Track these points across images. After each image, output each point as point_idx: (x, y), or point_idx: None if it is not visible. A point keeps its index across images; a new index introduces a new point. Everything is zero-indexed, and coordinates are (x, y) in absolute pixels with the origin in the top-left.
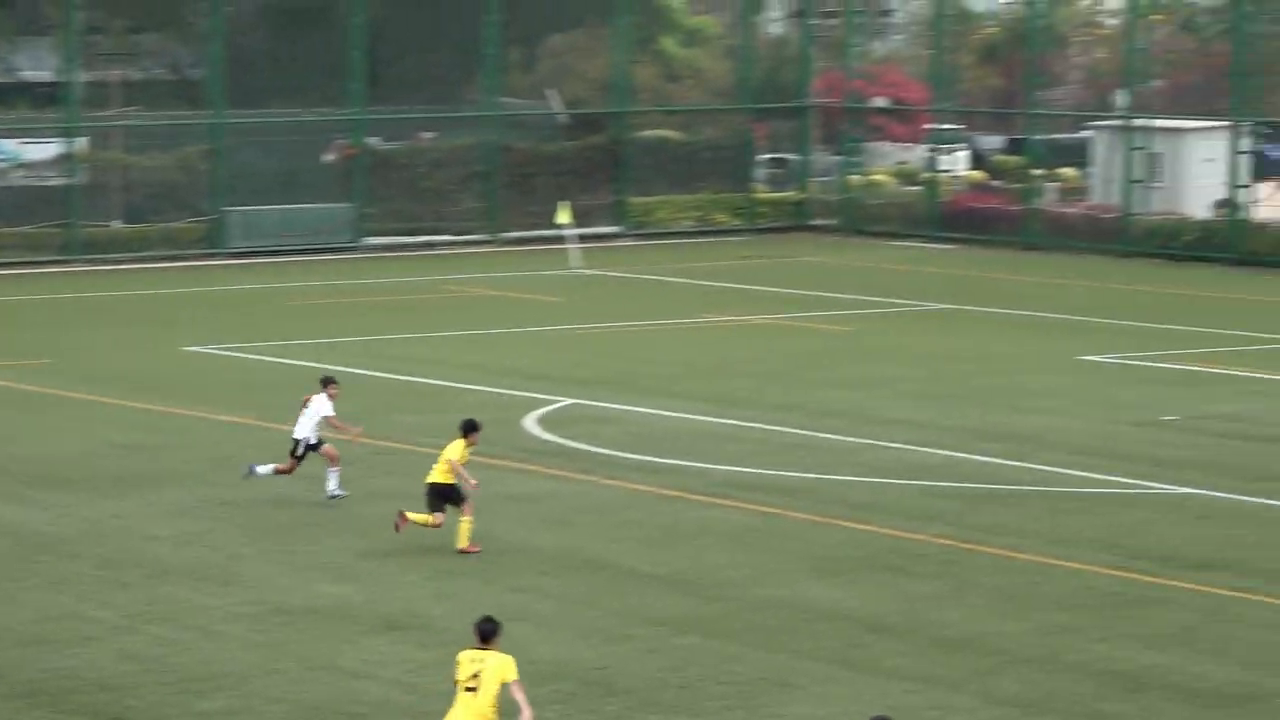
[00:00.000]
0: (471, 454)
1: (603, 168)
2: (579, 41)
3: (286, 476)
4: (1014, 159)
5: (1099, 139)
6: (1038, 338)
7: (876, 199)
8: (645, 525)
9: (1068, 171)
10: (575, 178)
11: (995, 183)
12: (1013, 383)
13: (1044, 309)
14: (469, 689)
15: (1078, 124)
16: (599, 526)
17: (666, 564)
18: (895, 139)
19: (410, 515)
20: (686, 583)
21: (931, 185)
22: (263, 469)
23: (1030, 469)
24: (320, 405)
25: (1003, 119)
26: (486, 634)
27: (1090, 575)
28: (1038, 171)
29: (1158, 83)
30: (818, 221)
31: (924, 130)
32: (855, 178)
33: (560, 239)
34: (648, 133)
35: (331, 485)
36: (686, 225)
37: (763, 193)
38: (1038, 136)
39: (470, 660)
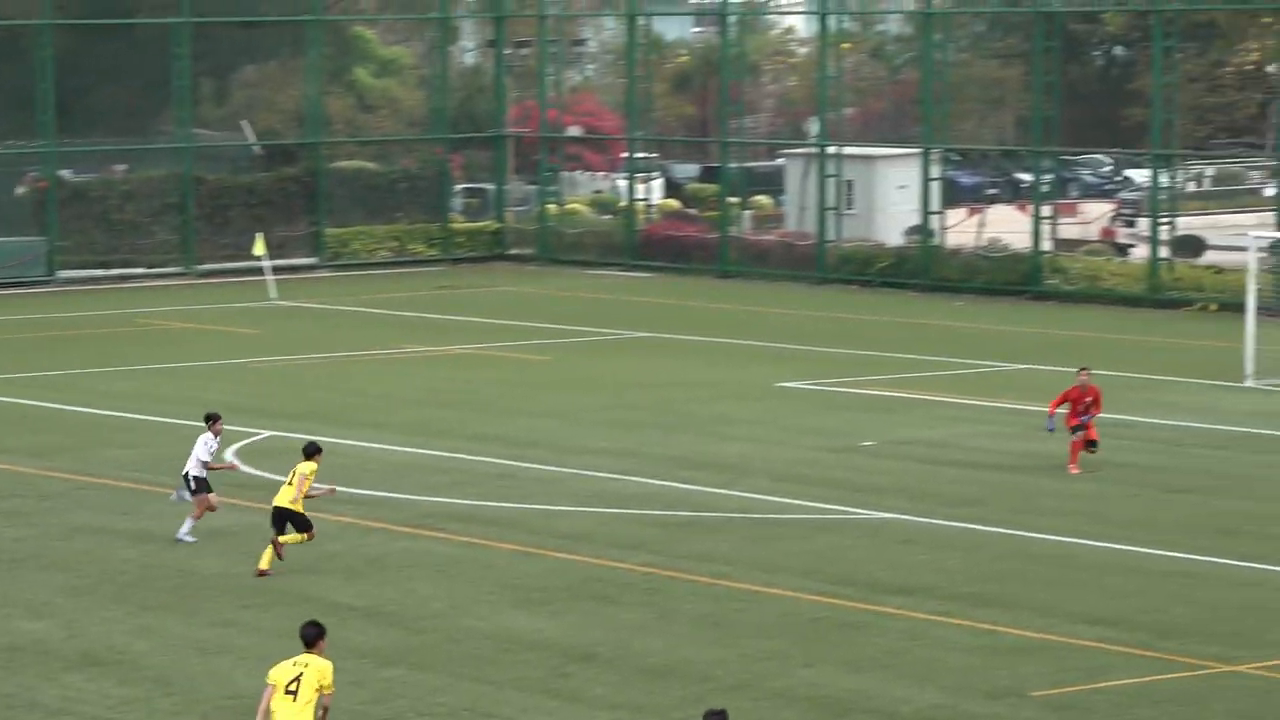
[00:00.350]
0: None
1: (298, 199)
2: (272, 73)
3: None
4: (709, 187)
5: (792, 167)
6: (736, 365)
7: (573, 228)
8: (349, 557)
9: (762, 199)
10: (271, 209)
11: (691, 211)
12: (712, 410)
13: (742, 336)
14: (288, 692)
15: (771, 152)
16: (302, 559)
17: (371, 596)
18: (591, 168)
19: (283, 539)
20: (392, 614)
21: (628, 214)
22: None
23: (732, 496)
24: (210, 442)
25: (697, 147)
26: (309, 638)
27: (794, 601)
28: (733, 199)
29: (849, 110)
30: (515, 251)
31: (619, 159)
32: (552, 207)
33: (257, 271)
34: (343, 163)
35: (184, 530)
36: (384, 256)
37: (459, 223)
38: (732, 164)
39: (293, 664)
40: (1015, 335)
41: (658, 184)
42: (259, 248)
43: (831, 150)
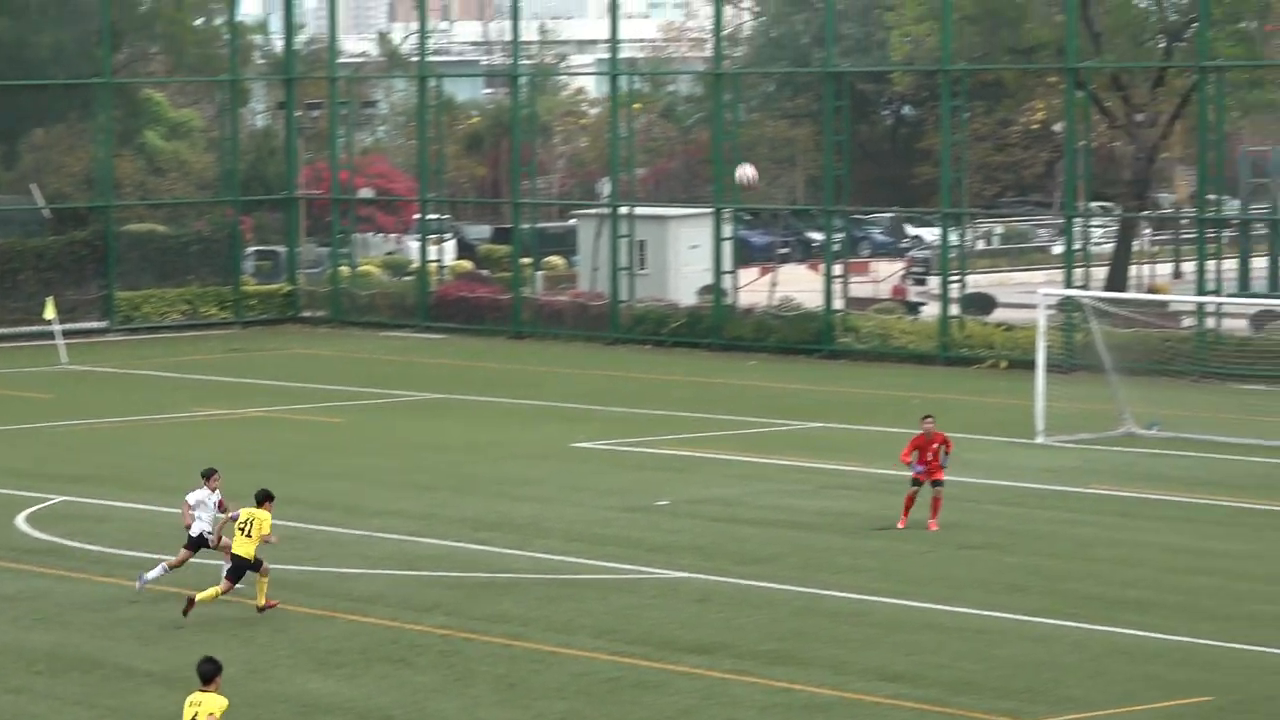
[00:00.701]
0: None
1: (88, 262)
2: (60, 135)
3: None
4: (501, 248)
5: (585, 227)
6: (530, 425)
7: (366, 290)
8: (142, 622)
9: (555, 260)
10: (61, 273)
11: (483, 272)
12: (506, 471)
13: (535, 397)
14: None
15: (564, 212)
16: (94, 624)
17: (164, 660)
18: (383, 230)
19: (199, 596)
20: (188, 680)
21: (420, 275)
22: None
23: (527, 557)
24: (200, 495)
25: (489, 208)
26: (206, 675)
27: (589, 661)
28: (525, 260)
29: (641, 171)
30: (308, 313)
31: (411, 220)
32: (344, 269)
33: (48, 335)
34: (134, 226)
35: (152, 573)
36: (175, 319)
37: (251, 285)
38: (524, 225)
39: (190, 703)
40: (808, 394)
41: (450, 245)
42: (49, 312)
43: (624, 210)
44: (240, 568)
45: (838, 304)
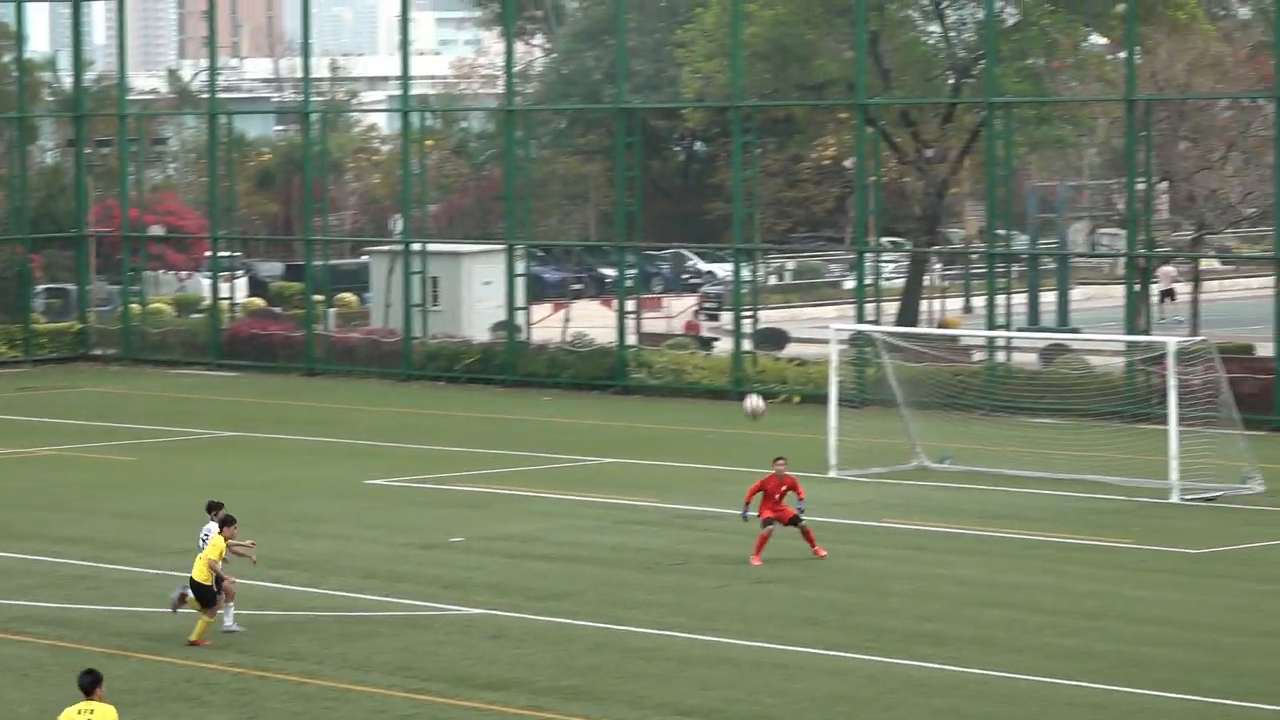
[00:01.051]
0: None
1: None
2: None
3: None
4: (294, 285)
5: (377, 264)
6: (324, 463)
7: (157, 327)
8: None
9: (348, 296)
10: None
11: (275, 309)
12: (300, 509)
13: (329, 434)
14: None
15: (356, 249)
16: None
17: None
18: (174, 267)
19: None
20: None
21: (212, 313)
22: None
23: (321, 594)
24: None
25: (281, 245)
26: (87, 686)
27: (385, 699)
28: (317, 297)
29: (433, 207)
30: (99, 351)
31: (203, 258)
32: (135, 307)
33: None
34: None
35: (228, 621)
36: None
37: (41, 323)
38: (316, 262)
39: (81, 710)
40: (602, 429)
41: (242, 282)
42: None
43: (416, 247)
44: (194, 592)
45: (631, 340)
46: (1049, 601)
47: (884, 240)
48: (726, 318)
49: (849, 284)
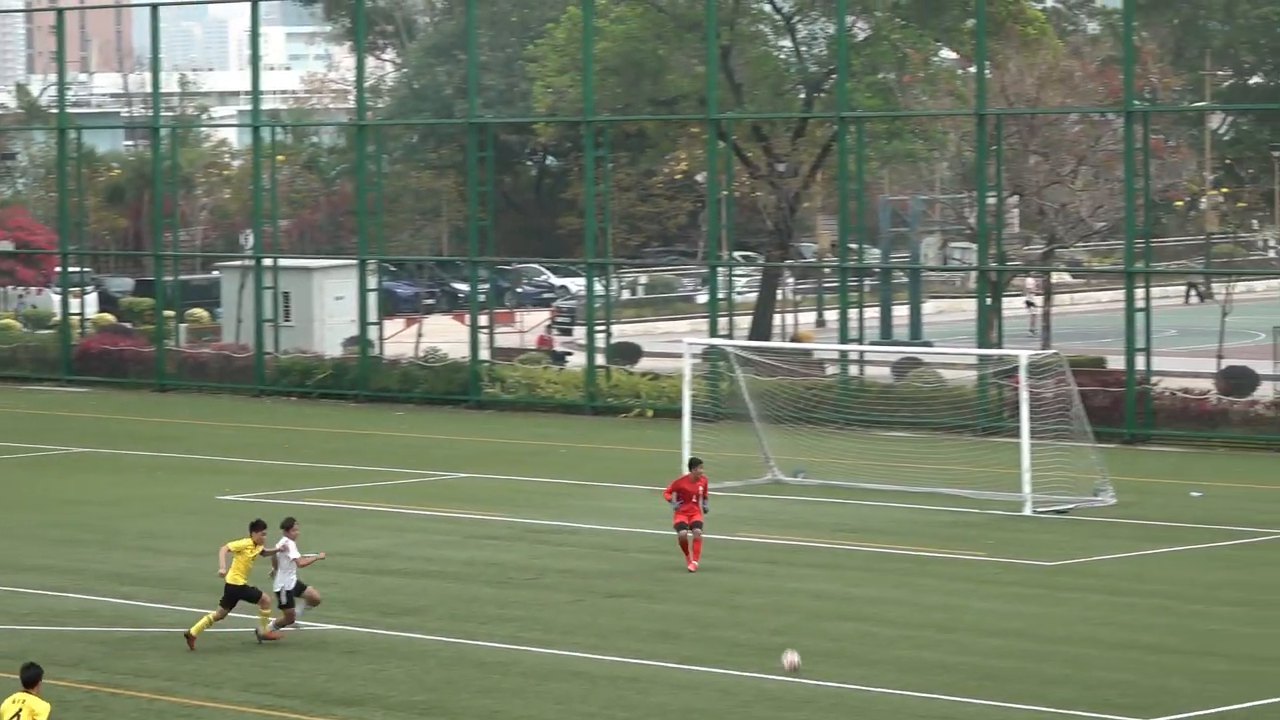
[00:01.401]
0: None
1: None
2: None
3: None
4: (144, 300)
5: (228, 279)
6: (175, 479)
7: (6, 344)
8: None
9: (199, 312)
10: None
11: (126, 325)
12: (151, 525)
13: (180, 450)
14: None
15: (207, 264)
16: None
17: None
18: (23, 283)
19: (192, 631)
20: None
21: (62, 328)
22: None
23: (173, 610)
24: (290, 550)
25: (132, 260)
26: (29, 679)
27: (238, 715)
28: (168, 313)
29: (285, 222)
30: None
31: (52, 273)
32: None
33: None
34: None
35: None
36: None
37: None
38: (167, 278)
39: (14, 700)
40: (455, 444)
41: (92, 298)
42: None
43: (268, 262)
44: (232, 594)
45: (484, 354)
46: (902, 615)
47: (736, 254)
48: (580, 332)
49: (702, 298)
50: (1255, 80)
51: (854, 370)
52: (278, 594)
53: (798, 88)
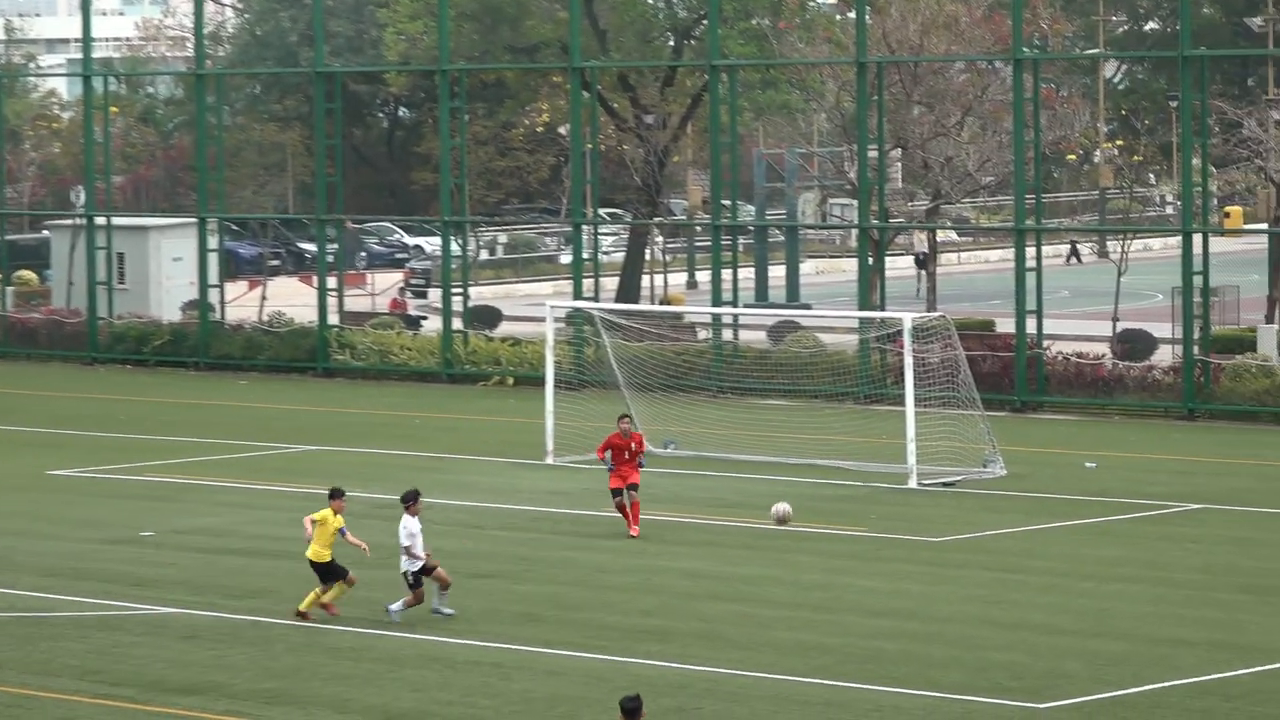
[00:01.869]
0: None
1: None
2: None
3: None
4: None
5: (58, 239)
6: (2, 453)
7: None
8: None
9: (27, 274)
10: None
11: None
12: None
13: (8, 422)
14: None
15: (35, 223)
16: None
17: None
18: None
19: (301, 607)
20: None
21: None
22: (395, 606)
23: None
24: (410, 524)
25: None
26: None
27: (72, 705)
28: None
29: (119, 179)
30: None
31: None
32: None
33: None
34: None
35: (436, 602)
36: None
37: None
38: None
39: None
40: (302, 415)
41: None
42: None
43: (100, 221)
44: (320, 572)
45: (333, 319)
46: (780, 594)
47: (602, 212)
48: (435, 295)
49: (565, 258)
50: (1150, 26)
51: (728, 335)
52: (404, 575)
53: (666, 34)
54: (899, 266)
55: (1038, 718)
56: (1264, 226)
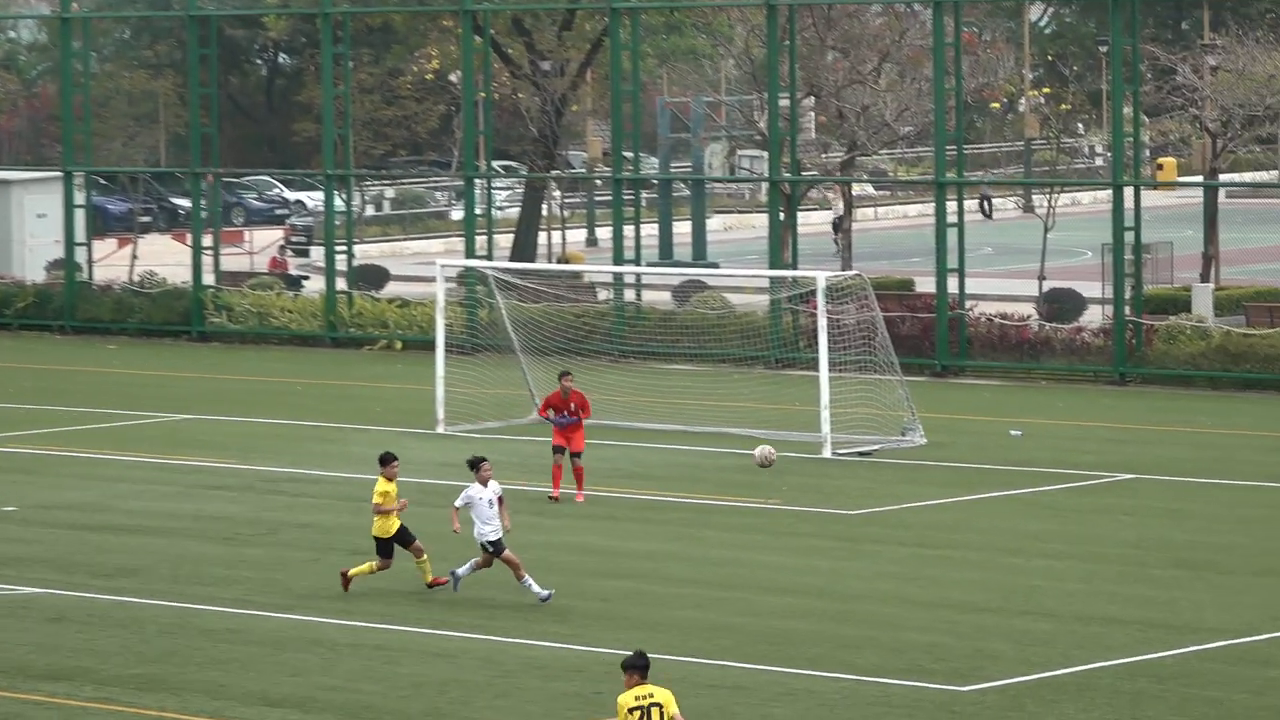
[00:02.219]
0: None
1: None
2: None
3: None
4: None
5: None
6: None
7: None
8: None
9: None
10: None
11: None
12: None
13: None
14: None
15: None
16: None
17: None
18: None
19: (352, 571)
20: None
21: None
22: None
23: None
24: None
25: None
26: None
27: None
28: None
29: None
30: None
31: None
32: None
33: None
34: None
35: (536, 588)
36: None
37: None
38: None
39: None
40: (177, 381)
41: None
42: None
43: None
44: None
45: (208, 279)
46: (683, 571)
47: (496, 165)
48: (317, 253)
49: (457, 214)
50: None
51: (630, 295)
52: (483, 545)
53: None
54: (812, 222)
55: (960, 701)
56: (1199, 179)
